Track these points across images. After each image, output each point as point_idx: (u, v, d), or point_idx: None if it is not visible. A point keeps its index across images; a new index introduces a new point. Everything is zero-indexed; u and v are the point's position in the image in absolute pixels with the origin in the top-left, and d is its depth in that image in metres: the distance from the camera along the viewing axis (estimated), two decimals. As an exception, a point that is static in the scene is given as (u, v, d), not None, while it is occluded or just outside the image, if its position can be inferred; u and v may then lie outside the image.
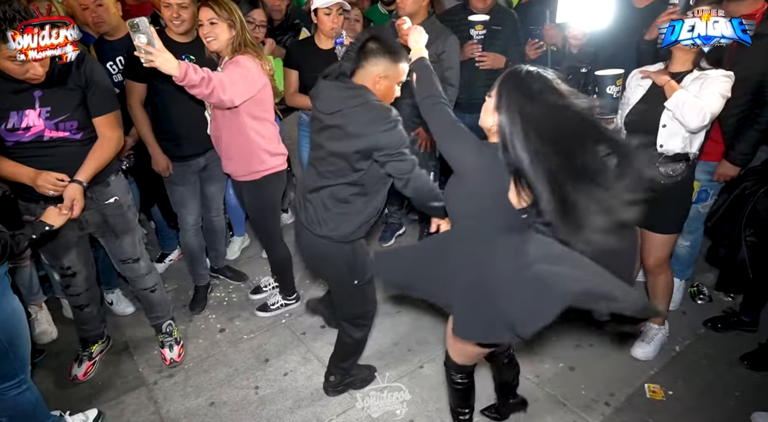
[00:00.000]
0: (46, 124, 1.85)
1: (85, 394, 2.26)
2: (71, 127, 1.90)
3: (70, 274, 2.17)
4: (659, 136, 2.00)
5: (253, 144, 2.24)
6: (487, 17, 2.71)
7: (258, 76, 2.13)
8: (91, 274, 2.25)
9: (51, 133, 1.87)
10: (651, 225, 2.20)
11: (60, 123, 1.87)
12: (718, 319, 2.57)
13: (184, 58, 2.33)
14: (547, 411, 2.13)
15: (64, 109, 1.87)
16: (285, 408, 2.17)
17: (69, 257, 2.13)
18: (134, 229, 2.21)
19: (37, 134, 1.85)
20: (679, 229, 2.24)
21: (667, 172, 2.04)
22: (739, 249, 2.02)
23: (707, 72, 1.94)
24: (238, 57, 2.12)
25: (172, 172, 2.50)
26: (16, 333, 1.69)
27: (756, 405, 2.10)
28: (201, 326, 2.68)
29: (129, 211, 2.16)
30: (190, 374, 2.36)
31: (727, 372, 2.30)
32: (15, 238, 1.63)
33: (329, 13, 2.50)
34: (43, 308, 2.59)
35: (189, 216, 2.62)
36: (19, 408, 1.77)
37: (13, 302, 1.69)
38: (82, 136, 1.94)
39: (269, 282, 2.89)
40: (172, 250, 3.21)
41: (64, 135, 1.89)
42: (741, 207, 2.01)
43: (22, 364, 1.74)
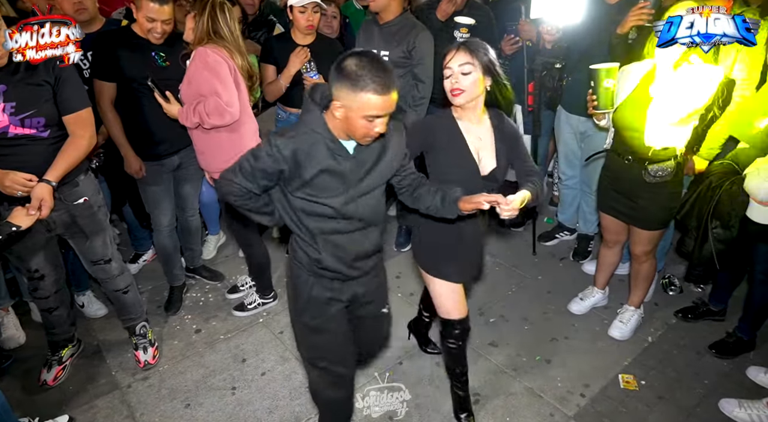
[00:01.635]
0: (11, 120, 1.78)
1: (55, 400, 2.19)
2: (38, 123, 1.82)
3: (38, 277, 2.10)
4: (646, 136, 2.02)
5: (222, 137, 2.21)
6: (473, 21, 2.70)
7: (223, 68, 2.09)
8: (60, 277, 2.18)
9: (16, 129, 1.79)
10: (634, 220, 2.25)
11: (26, 119, 1.80)
12: (688, 310, 2.65)
13: (153, 54, 2.28)
14: (524, 404, 2.16)
15: (30, 104, 1.80)
16: (263, 408, 2.14)
17: (36, 260, 2.07)
18: (105, 230, 2.15)
19: (1, 130, 1.77)
20: (666, 225, 2.29)
21: (655, 172, 2.07)
22: (706, 241, 2.07)
23: None
24: (198, 52, 2.09)
25: (144, 173, 2.44)
26: None
27: (723, 392, 2.17)
28: (176, 327, 2.63)
29: (99, 212, 2.10)
30: (165, 376, 2.32)
31: (696, 361, 2.37)
32: None
33: (304, 11, 2.49)
34: (10, 312, 2.51)
35: (163, 218, 2.56)
36: None
37: None
38: (50, 134, 1.87)
39: (246, 281, 2.86)
40: (146, 251, 3.14)
41: (30, 132, 1.82)
42: (707, 200, 2.05)
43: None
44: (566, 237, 3.32)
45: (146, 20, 2.18)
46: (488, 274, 3.03)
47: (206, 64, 2.07)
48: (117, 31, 2.36)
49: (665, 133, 2.00)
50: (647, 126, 2.01)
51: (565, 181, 3.16)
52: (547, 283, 2.95)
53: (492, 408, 2.13)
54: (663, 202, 2.16)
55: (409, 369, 2.33)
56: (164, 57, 2.29)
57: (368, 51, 1.41)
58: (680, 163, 2.10)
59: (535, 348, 2.46)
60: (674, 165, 2.07)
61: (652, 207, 2.17)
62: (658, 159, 2.05)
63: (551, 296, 2.83)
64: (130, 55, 2.24)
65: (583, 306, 2.68)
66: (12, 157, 1.81)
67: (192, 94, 2.14)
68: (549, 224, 3.53)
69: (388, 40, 2.58)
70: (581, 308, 2.68)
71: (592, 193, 2.87)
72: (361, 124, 1.38)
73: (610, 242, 2.49)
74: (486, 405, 2.15)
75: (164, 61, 2.29)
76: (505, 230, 3.48)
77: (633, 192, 2.18)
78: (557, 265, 3.13)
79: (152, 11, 2.16)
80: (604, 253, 2.57)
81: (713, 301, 2.58)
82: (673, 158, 2.05)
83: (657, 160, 2.06)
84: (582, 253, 3.14)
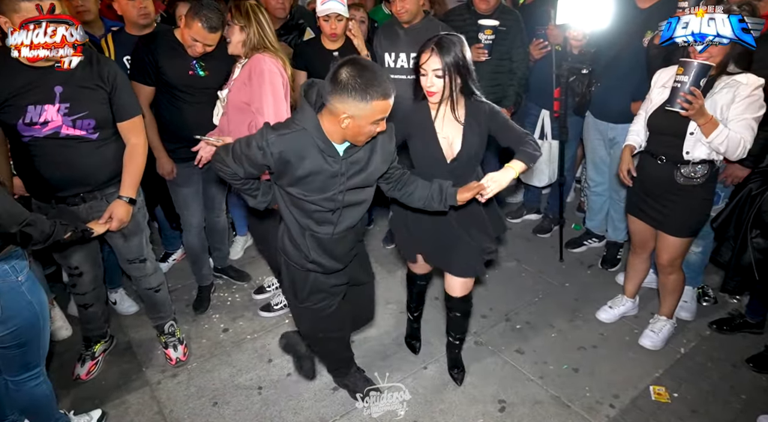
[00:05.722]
0: (64, 121, 1.84)
1: (88, 394, 2.25)
2: (88, 125, 1.88)
3: (77, 274, 2.17)
4: (686, 143, 1.97)
5: None
6: (497, 23, 2.71)
7: (279, 81, 2.11)
8: (98, 275, 2.25)
9: (68, 130, 1.85)
10: (662, 225, 2.18)
11: (77, 120, 1.85)
12: (723, 321, 2.56)
13: (194, 63, 2.31)
14: (551, 413, 2.12)
15: (83, 106, 1.85)
16: (288, 408, 2.16)
17: (77, 257, 2.13)
18: (143, 231, 2.20)
19: (54, 130, 1.83)
20: (694, 234, 2.21)
21: (688, 173, 2.01)
22: (744, 251, 2.00)
23: (736, 77, 1.86)
24: (256, 58, 2.09)
25: (176, 175, 2.50)
26: (48, 320, 1.72)
27: (762, 407, 2.09)
28: (204, 326, 2.68)
29: (139, 213, 2.15)
30: (193, 374, 2.36)
31: (732, 375, 2.29)
32: (60, 226, 1.65)
33: (327, 20, 2.54)
34: (55, 306, 2.59)
35: (192, 219, 2.62)
36: (34, 400, 1.77)
37: (43, 290, 1.71)
38: (98, 136, 1.92)
39: (272, 282, 2.89)
40: (176, 250, 3.21)
41: (80, 133, 1.88)
42: (747, 208, 1.99)
43: (44, 354, 1.75)
44: (595, 245, 3.25)
45: (190, 38, 2.17)
46: (514, 280, 3.00)
47: (263, 73, 2.06)
48: (158, 35, 2.35)
49: (705, 145, 1.93)
50: (687, 135, 1.96)
51: (594, 188, 3.10)
52: (574, 291, 2.89)
53: (518, 416, 2.10)
54: (693, 208, 2.09)
55: (432, 374, 2.31)
56: (204, 66, 2.31)
57: (354, 58, 1.44)
58: (716, 169, 2.04)
59: (562, 356, 2.41)
60: (708, 168, 2.01)
61: (681, 212, 2.10)
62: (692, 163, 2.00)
63: (579, 304, 2.78)
64: (171, 62, 2.27)
65: (612, 315, 2.62)
66: (60, 157, 1.88)
67: (240, 102, 2.15)
68: (577, 231, 3.47)
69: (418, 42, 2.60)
70: (610, 316, 2.62)
71: (621, 199, 2.81)
72: (369, 129, 1.46)
73: (638, 248, 2.43)
74: (512, 413, 2.12)
75: (204, 69, 2.31)
76: (531, 236, 3.44)
77: (663, 195, 2.12)
78: (585, 273, 3.07)
79: (199, 35, 2.14)
80: (633, 261, 2.51)
81: (750, 313, 2.49)
82: (707, 163, 2.00)
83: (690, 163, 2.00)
84: (611, 261, 3.07)
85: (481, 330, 2.59)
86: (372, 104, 1.39)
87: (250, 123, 2.17)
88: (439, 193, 1.74)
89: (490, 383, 2.26)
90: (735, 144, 1.78)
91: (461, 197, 1.70)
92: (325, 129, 1.49)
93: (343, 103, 1.39)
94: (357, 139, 1.50)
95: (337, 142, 1.54)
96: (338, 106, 1.40)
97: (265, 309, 2.74)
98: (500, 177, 1.70)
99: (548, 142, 3.17)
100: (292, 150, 1.49)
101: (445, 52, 1.70)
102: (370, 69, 1.39)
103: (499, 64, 2.90)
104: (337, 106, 1.40)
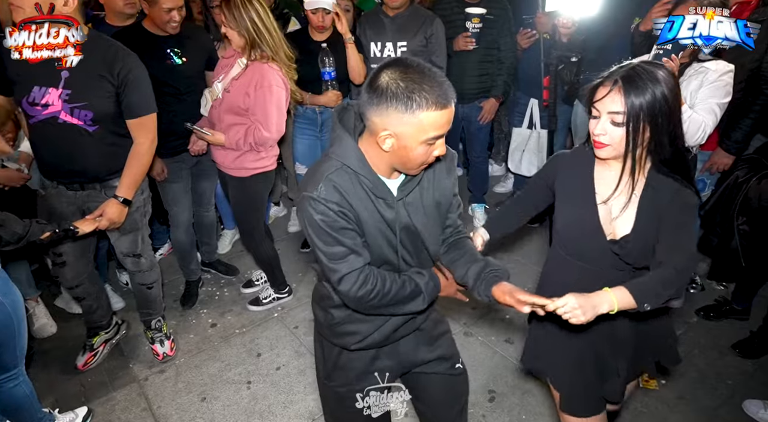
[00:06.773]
0: (63, 107, 1.82)
1: (75, 391, 2.23)
2: (86, 116, 1.85)
3: (59, 263, 2.13)
4: None
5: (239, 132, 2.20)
6: (484, 11, 2.69)
7: (283, 95, 2.12)
8: (80, 272, 2.18)
9: (65, 116, 1.83)
10: None
11: (75, 109, 1.83)
12: (710, 308, 2.58)
13: (169, 52, 2.27)
14: (540, 401, 2.12)
15: (83, 96, 1.82)
16: (278, 402, 2.15)
17: (64, 246, 2.09)
18: (139, 229, 2.16)
19: (52, 114, 1.82)
20: None
21: None
22: (731, 238, 2.01)
23: (706, 64, 1.86)
24: (262, 69, 2.08)
25: (166, 174, 2.46)
26: (23, 320, 1.70)
27: (748, 393, 2.11)
28: (192, 321, 2.65)
29: (136, 212, 2.10)
30: (181, 369, 2.34)
31: (719, 361, 2.31)
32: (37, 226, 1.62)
33: (315, 12, 2.52)
34: (40, 303, 2.56)
35: (182, 215, 2.58)
36: (14, 401, 1.76)
37: (17, 290, 1.69)
38: (96, 130, 1.88)
39: (261, 275, 2.86)
40: (162, 245, 3.17)
41: (77, 123, 1.85)
42: (733, 195, 2.00)
43: (21, 355, 1.73)
44: (583, 234, 3.26)
45: (164, 12, 2.15)
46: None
47: (270, 87, 2.08)
48: (127, 30, 2.31)
49: None
50: None
51: (583, 177, 3.09)
52: (563, 280, 2.90)
53: (508, 406, 2.11)
54: None
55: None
56: (180, 53, 2.28)
57: (403, 58, 1.06)
58: (693, 156, 2.02)
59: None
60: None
61: None
62: None
63: (568, 293, 2.78)
64: (147, 54, 2.19)
65: None
66: (58, 142, 1.87)
67: (238, 107, 2.14)
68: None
69: (405, 30, 2.60)
70: None
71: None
72: (420, 152, 1.06)
73: None
74: (502, 403, 2.12)
75: (180, 56, 2.28)
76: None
77: None
78: (574, 262, 3.08)
79: (169, 0, 2.13)
80: None
81: (737, 300, 2.52)
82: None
83: None
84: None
85: (470, 320, 2.59)
86: (419, 115, 1.01)
87: (248, 128, 2.17)
88: (477, 272, 1.26)
89: (479, 373, 2.26)
90: (696, 126, 1.77)
91: (500, 296, 1.21)
92: (370, 159, 1.12)
93: (382, 117, 1.03)
94: (409, 165, 1.10)
95: (385, 175, 1.15)
96: (376, 122, 1.04)
97: (254, 303, 2.72)
98: (587, 303, 1.11)
99: (537, 131, 3.16)
100: (342, 187, 1.10)
101: (635, 90, 1.17)
102: (418, 69, 1.03)
103: (487, 52, 2.88)
104: (376, 121, 1.05)
